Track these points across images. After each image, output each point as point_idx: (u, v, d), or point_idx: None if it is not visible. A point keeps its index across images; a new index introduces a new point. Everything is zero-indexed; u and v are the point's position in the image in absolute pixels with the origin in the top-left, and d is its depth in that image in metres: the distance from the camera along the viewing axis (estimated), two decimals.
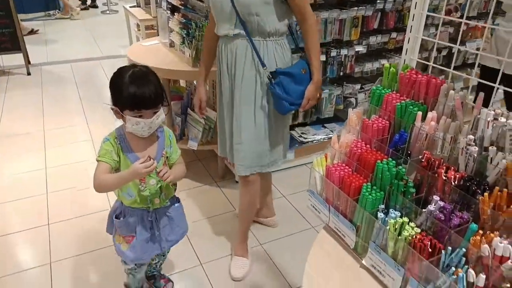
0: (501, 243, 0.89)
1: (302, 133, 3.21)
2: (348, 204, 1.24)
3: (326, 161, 1.35)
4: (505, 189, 0.95)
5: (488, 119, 1.05)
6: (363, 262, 1.18)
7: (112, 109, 1.51)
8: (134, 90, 1.42)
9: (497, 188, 0.96)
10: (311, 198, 1.41)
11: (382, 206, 1.15)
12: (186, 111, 2.92)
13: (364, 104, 1.38)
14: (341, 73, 3.09)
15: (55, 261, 2.28)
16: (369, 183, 1.21)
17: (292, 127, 3.25)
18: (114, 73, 1.49)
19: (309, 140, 3.14)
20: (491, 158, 1.02)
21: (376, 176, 1.20)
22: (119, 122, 1.59)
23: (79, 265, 2.26)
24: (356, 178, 1.23)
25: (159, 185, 1.61)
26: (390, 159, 1.21)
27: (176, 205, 1.77)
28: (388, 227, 1.09)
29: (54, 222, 2.59)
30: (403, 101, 1.25)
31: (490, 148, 1.02)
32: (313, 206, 1.41)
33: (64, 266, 2.25)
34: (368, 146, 1.28)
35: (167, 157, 1.59)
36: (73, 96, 4.49)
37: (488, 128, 1.05)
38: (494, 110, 1.06)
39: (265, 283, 2.17)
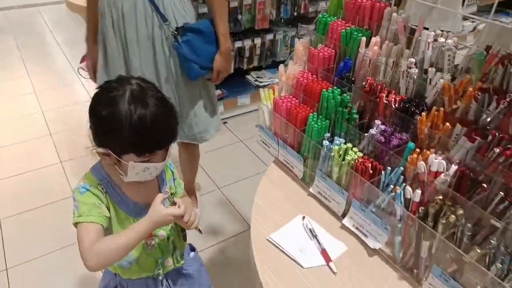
0: (436, 159, 0.92)
1: (258, 77, 3.17)
2: (296, 135, 1.24)
3: (274, 94, 1.33)
4: (441, 108, 0.97)
5: (429, 40, 1.05)
6: (310, 190, 1.21)
7: (98, 152, 0.97)
8: (144, 127, 0.91)
9: (434, 108, 0.98)
10: (260, 133, 1.40)
11: (328, 135, 1.16)
12: None
13: (311, 34, 1.34)
14: (295, 14, 3.02)
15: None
16: (315, 113, 1.21)
17: (247, 72, 3.19)
18: (97, 98, 0.96)
19: (265, 83, 3.11)
20: (430, 79, 1.03)
21: (322, 105, 1.19)
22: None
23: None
24: (302, 109, 1.23)
25: (171, 238, 1.14)
26: (335, 87, 1.20)
27: (191, 254, 1.29)
28: (332, 154, 1.10)
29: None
30: (348, 28, 1.23)
31: (429, 69, 1.03)
32: (263, 141, 1.40)
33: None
34: (314, 76, 1.27)
35: (171, 194, 1.12)
36: (11, 48, 4.15)
37: (428, 49, 1.05)
38: (434, 31, 1.05)
39: (222, 221, 2.21)
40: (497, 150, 0.83)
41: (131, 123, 0.89)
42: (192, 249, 1.31)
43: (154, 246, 1.10)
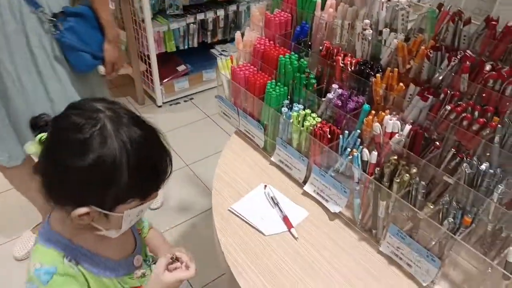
0: (390, 120, 0.92)
1: (223, 50, 3.10)
2: (255, 104, 1.21)
3: (232, 62, 1.29)
4: (395, 69, 0.97)
5: (382, 0, 1.03)
6: (272, 159, 1.20)
7: (80, 215, 0.71)
8: (147, 160, 0.73)
9: (388, 68, 0.98)
10: (220, 104, 1.37)
11: (287, 101, 1.14)
12: None
13: None
14: None
15: None
16: (273, 80, 1.18)
17: (211, 45, 3.11)
18: (63, 146, 0.70)
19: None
20: (385, 40, 1.02)
21: (280, 72, 1.17)
22: None
23: None
24: (260, 76, 1.20)
25: None
26: (293, 53, 1.18)
27: None
28: (291, 121, 1.09)
29: None
30: None
31: (384, 30, 1.02)
32: (224, 113, 1.38)
33: None
34: (271, 42, 1.24)
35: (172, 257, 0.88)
36: None
37: (382, 9, 1.04)
38: None
39: (191, 197, 2.20)
40: (448, 107, 0.84)
41: (129, 162, 0.68)
42: None
43: None
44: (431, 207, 0.81)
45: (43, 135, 0.73)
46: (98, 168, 0.67)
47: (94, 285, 0.80)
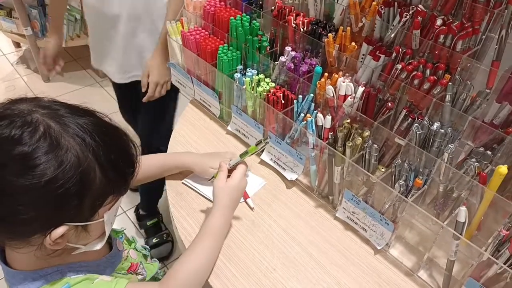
0: (343, 82, 0.88)
1: None
2: (208, 71, 1.15)
3: (182, 27, 1.21)
4: (348, 28, 0.92)
5: None
6: (228, 128, 1.15)
7: (56, 240, 0.59)
8: (116, 148, 0.63)
9: (341, 28, 0.93)
10: (174, 72, 1.30)
11: (240, 67, 1.08)
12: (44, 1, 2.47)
13: None
14: None
15: None
16: (225, 44, 1.12)
17: None
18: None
19: None
20: None
21: (231, 35, 1.10)
22: None
23: None
24: (212, 40, 1.13)
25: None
26: (244, 14, 1.11)
27: None
28: (244, 87, 1.04)
29: None
30: None
31: None
32: (178, 81, 1.31)
33: None
34: (222, 3, 1.16)
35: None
36: None
37: None
38: None
39: None
40: (399, 66, 0.80)
41: (96, 156, 0.58)
42: None
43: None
44: (383, 170, 0.79)
45: None
46: (63, 176, 0.54)
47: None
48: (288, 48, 1.00)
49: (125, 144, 0.64)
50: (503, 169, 0.66)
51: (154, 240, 1.83)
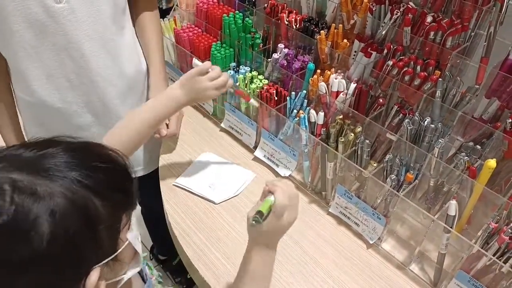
0: (336, 78, 0.89)
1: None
2: None
3: (175, 24, 1.21)
4: (340, 25, 0.93)
5: None
6: (222, 125, 1.16)
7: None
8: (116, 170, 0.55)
9: (333, 25, 0.94)
10: (167, 70, 1.30)
11: (233, 64, 1.09)
12: None
13: None
14: None
15: None
16: (218, 42, 1.12)
17: (167, 11, 2.96)
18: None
19: None
20: None
21: (224, 32, 1.11)
22: None
23: None
24: (205, 38, 1.14)
25: None
26: (237, 11, 1.11)
27: None
28: (238, 84, 1.04)
29: None
30: None
31: None
32: (171, 79, 1.31)
33: None
34: (215, 0, 1.16)
35: None
36: None
37: None
38: None
39: None
40: (390, 62, 0.81)
41: (90, 188, 0.49)
42: None
43: None
44: (374, 165, 0.80)
45: None
46: (63, 225, 0.46)
47: None
48: (281, 45, 1.01)
49: (110, 159, 0.55)
50: (491, 163, 0.67)
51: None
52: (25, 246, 0.44)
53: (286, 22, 1.00)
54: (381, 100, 0.83)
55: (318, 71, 0.93)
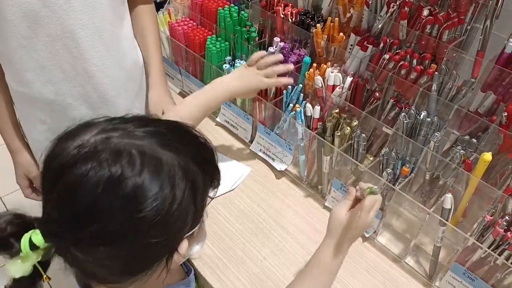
0: (332, 72, 0.89)
1: None
2: (196, 62, 1.15)
3: (170, 17, 1.20)
4: (336, 19, 0.92)
5: None
6: (217, 119, 1.15)
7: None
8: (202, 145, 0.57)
9: (329, 18, 0.93)
10: None
11: (229, 58, 1.08)
12: None
13: None
14: None
15: None
16: (214, 35, 1.11)
17: (161, 5, 2.93)
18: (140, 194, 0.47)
19: None
20: None
21: (220, 25, 1.10)
22: None
23: None
24: (200, 31, 1.13)
25: None
26: (232, 5, 1.11)
27: None
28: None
29: None
30: None
31: None
32: (166, 73, 1.29)
33: None
34: None
35: None
36: None
37: None
38: None
39: None
40: (386, 56, 0.81)
41: (191, 157, 0.52)
42: None
43: None
44: (371, 159, 0.80)
45: (30, 235, 0.49)
46: (180, 191, 0.49)
47: None
48: (276, 39, 1.00)
49: (202, 137, 0.57)
50: (487, 156, 0.68)
51: None
52: (150, 210, 0.46)
53: (282, 16, 0.99)
54: (377, 94, 0.83)
55: (314, 64, 0.92)
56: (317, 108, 0.89)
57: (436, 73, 0.77)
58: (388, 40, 0.83)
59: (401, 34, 0.85)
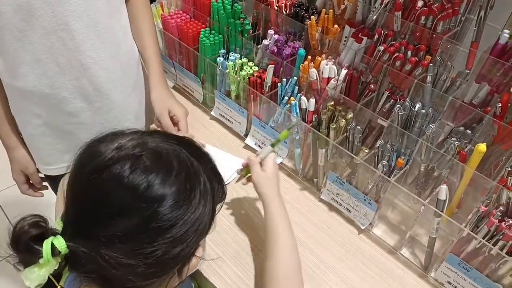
0: (326, 64, 0.88)
1: None
2: (190, 55, 1.13)
3: (163, 10, 1.19)
4: (331, 10, 0.92)
5: None
6: (212, 113, 1.14)
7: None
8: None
9: (323, 10, 0.93)
10: None
11: (223, 51, 1.07)
12: None
13: None
14: None
15: None
16: (207, 28, 1.10)
17: None
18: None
19: None
20: None
21: (213, 18, 1.09)
22: None
23: None
24: (193, 24, 1.11)
25: None
26: None
27: None
28: (227, 71, 1.03)
29: None
30: None
31: None
32: None
33: None
34: None
35: None
36: None
37: None
38: None
39: None
40: (381, 48, 0.81)
41: (204, 171, 0.56)
42: None
43: None
44: (366, 151, 0.80)
45: (51, 240, 0.48)
46: (206, 193, 0.53)
47: None
48: (271, 32, 0.99)
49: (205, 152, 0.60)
50: (482, 147, 0.68)
51: None
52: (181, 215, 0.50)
53: (276, 8, 0.98)
54: (372, 86, 0.83)
55: (309, 57, 0.92)
56: (312, 100, 0.89)
57: (430, 64, 0.77)
58: (382, 31, 0.83)
59: (396, 26, 0.84)
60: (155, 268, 0.50)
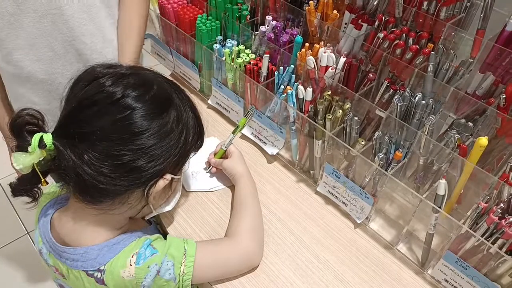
0: (325, 52, 0.85)
1: None
2: (187, 42, 1.11)
3: None
4: None
5: None
6: (209, 102, 1.12)
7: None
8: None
9: None
10: (153, 44, 1.25)
11: (220, 37, 1.04)
12: None
13: None
14: None
15: None
16: (204, 14, 1.07)
17: None
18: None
19: None
20: None
21: (210, 3, 1.06)
22: None
23: None
24: (190, 9, 1.08)
25: None
26: None
27: None
28: (224, 58, 1.00)
29: None
30: None
31: None
32: (157, 53, 1.26)
33: None
34: None
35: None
36: None
37: None
38: None
39: None
40: (381, 34, 0.77)
41: (190, 105, 0.69)
42: None
43: None
44: (362, 143, 0.77)
45: (41, 134, 0.57)
46: (189, 122, 0.65)
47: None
48: (268, 18, 0.96)
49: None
50: (483, 140, 0.64)
51: None
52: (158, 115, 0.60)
53: None
54: (371, 75, 0.79)
55: (307, 44, 0.88)
56: (309, 90, 0.86)
57: (432, 52, 0.73)
58: (383, 18, 0.79)
59: (397, 12, 0.80)
60: (120, 173, 0.58)
